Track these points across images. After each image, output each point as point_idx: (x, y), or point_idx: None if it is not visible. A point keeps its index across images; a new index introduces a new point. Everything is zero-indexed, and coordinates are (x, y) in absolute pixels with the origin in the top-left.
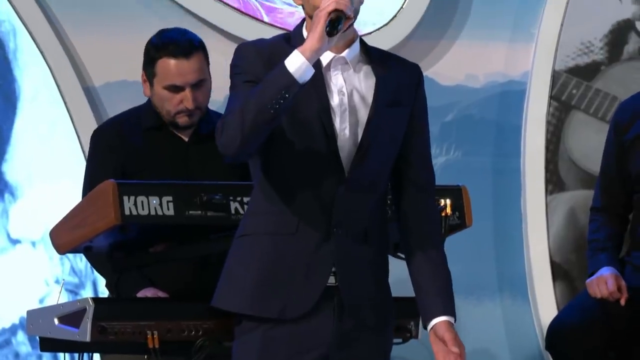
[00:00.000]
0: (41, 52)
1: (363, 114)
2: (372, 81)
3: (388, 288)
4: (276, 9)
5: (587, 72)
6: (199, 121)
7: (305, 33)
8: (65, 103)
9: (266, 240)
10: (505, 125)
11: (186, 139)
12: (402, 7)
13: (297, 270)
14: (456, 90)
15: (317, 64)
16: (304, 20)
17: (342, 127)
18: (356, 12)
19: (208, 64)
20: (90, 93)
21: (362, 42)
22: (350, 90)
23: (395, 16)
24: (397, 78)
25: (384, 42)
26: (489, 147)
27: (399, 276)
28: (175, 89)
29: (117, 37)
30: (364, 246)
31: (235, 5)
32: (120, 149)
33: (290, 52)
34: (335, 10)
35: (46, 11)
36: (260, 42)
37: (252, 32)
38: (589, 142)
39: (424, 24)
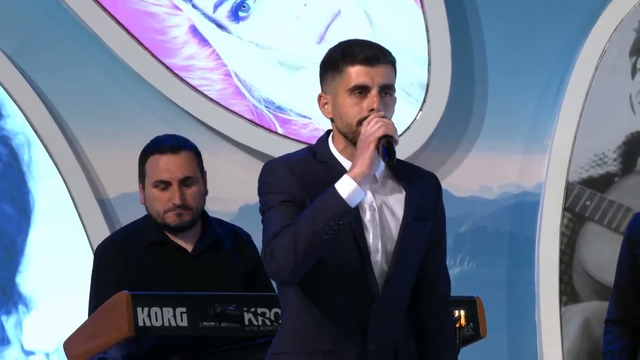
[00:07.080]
0: (55, 164)
1: (393, 229)
2: (399, 195)
3: None
4: (290, 121)
5: (601, 183)
6: (201, 232)
7: (332, 146)
8: (79, 215)
9: (303, 358)
10: (519, 236)
11: (190, 251)
12: (415, 119)
13: None
14: (470, 201)
15: None
16: (328, 132)
17: (375, 242)
18: None
19: (201, 168)
20: (104, 205)
21: None
22: (379, 205)
23: (409, 127)
24: (421, 192)
25: (398, 153)
26: (503, 259)
27: None
28: (163, 184)
29: (131, 148)
30: None
31: (250, 117)
32: (124, 269)
33: (321, 168)
34: (385, 136)
35: (60, 124)
36: (288, 159)
37: (265, 143)
38: (603, 253)
39: (438, 135)
